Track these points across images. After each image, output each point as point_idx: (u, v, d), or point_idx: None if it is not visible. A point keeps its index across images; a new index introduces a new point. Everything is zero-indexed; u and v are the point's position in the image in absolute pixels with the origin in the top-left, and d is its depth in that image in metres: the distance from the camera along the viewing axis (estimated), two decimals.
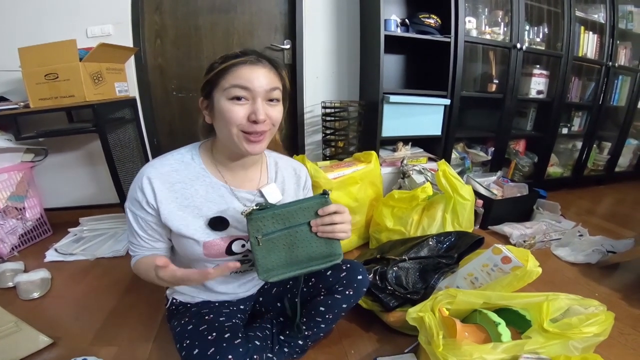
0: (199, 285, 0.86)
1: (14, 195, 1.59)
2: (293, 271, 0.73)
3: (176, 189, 0.73)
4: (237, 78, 0.66)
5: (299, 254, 0.72)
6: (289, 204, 0.71)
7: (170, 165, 0.74)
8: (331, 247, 0.73)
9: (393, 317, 1.03)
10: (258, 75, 0.67)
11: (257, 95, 0.68)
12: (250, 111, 0.67)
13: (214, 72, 0.68)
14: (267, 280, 0.71)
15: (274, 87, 0.70)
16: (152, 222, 0.75)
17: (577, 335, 0.73)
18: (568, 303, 0.83)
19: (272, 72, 0.70)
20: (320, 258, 0.74)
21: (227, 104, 0.68)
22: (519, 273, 0.91)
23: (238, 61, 0.67)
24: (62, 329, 1.07)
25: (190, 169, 0.75)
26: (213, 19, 1.86)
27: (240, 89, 0.67)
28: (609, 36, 2.16)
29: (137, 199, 0.72)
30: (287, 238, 0.71)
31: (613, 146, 2.51)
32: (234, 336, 0.72)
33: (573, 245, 1.54)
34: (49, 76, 1.37)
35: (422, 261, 1.16)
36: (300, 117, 2.03)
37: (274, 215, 0.69)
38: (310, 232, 0.71)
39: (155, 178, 0.72)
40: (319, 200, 0.71)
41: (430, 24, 1.75)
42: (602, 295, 1.21)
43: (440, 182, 1.42)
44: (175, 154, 0.77)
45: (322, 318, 0.87)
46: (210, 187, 0.76)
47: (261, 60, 0.69)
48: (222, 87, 0.67)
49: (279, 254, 0.71)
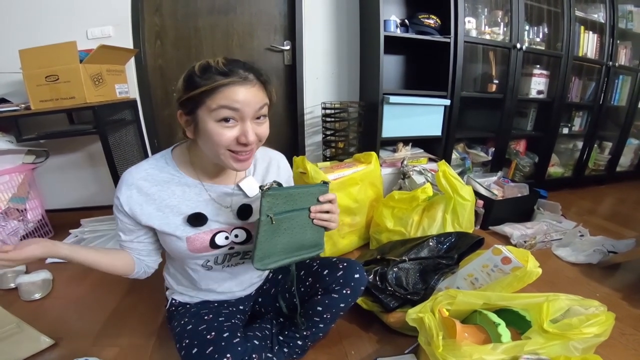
0: (194, 285, 0.88)
1: (16, 197, 1.59)
2: (287, 259, 0.74)
3: (152, 192, 0.74)
4: (225, 99, 0.63)
5: (295, 240, 0.74)
6: (298, 187, 0.72)
7: (145, 171, 0.75)
8: (320, 237, 0.77)
9: (393, 317, 1.03)
10: (247, 96, 0.64)
11: (246, 117, 0.66)
12: (239, 133, 0.66)
13: (197, 92, 0.64)
14: (262, 268, 0.72)
15: (262, 104, 0.68)
16: (129, 224, 0.77)
17: (577, 335, 0.73)
18: (568, 303, 0.82)
19: (261, 90, 0.68)
20: (309, 247, 0.77)
21: (215, 127, 0.65)
22: (519, 274, 0.91)
23: (227, 82, 0.63)
24: (63, 329, 1.08)
25: (165, 172, 0.77)
26: (213, 20, 1.86)
27: (229, 110, 0.64)
28: (609, 36, 2.16)
29: (115, 204, 0.75)
30: (289, 221, 0.71)
31: (614, 146, 2.50)
32: (233, 335, 0.72)
33: (574, 245, 1.53)
34: (50, 78, 1.38)
35: (422, 262, 1.16)
36: (300, 118, 2.03)
37: (288, 195, 0.69)
38: (307, 218, 0.74)
39: (132, 183, 0.74)
40: (322, 188, 0.75)
41: (430, 24, 1.75)
42: (603, 295, 1.21)
43: (440, 183, 1.42)
44: (150, 160, 0.78)
45: (320, 318, 0.87)
46: (187, 186, 0.77)
47: (248, 77, 0.65)
48: (208, 107, 0.64)
49: (279, 239, 0.71)
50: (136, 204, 0.74)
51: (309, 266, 0.92)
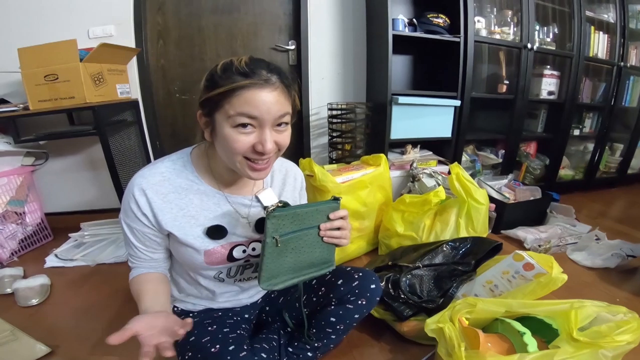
0: (200, 292, 0.83)
1: (14, 200, 1.56)
2: (295, 278, 0.70)
3: (170, 200, 0.69)
4: (243, 105, 0.59)
5: (303, 259, 0.70)
6: (306, 206, 0.68)
7: (161, 175, 0.69)
8: (330, 254, 0.73)
9: (407, 326, 0.98)
10: (267, 102, 0.60)
11: (265, 124, 0.61)
12: (256, 140, 0.62)
13: (217, 92, 0.60)
14: (269, 288, 0.67)
15: (284, 113, 0.63)
16: (149, 234, 0.71)
17: (609, 344, 0.68)
18: (596, 310, 0.78)
19: (283, 94, 0.63)
20: (319, 264, 0.73)
21: (232, 133, 0.61)
22: (543, 280, 0.86)
23: (246, 83, 0.59)
24: (60, 337, 1.04)
25: (183, 177, 0.71)
26: (216, 19, 1.83)
27: (247, 117, 0.60)
28: (620, 36, 2.13)
29: (132, 210, 0.68)
30: (297, 241, 0.67)
31: (625, 148, 2.46)
32: (239, 348, 0.68)
33: (590, 249, 1.49)
34: (49, 77, 1.34)
35: (436, 268, 1.11)
36: (306, 119, 1.99)
37: (294, 215, 0.65)
38: (316, 237, 0.69)
39: (147, 189, 0.67)
40: (333, 205, 0.70)
41: (439, 23, 1.72)
42: (623, 300, 1.17)
43: (453, 186, 1.38)
44: (165, 162, 0.72)
45: (333, 329, 0.83)
46: (205, 195, 0.72)
47: (271, 79, 0.61)
48: (225, 112, 0.60)
49: (286, 259, 0.67)
50: (156, 206, 0.68)
51: (322, 275, 0.87)
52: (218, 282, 0.81)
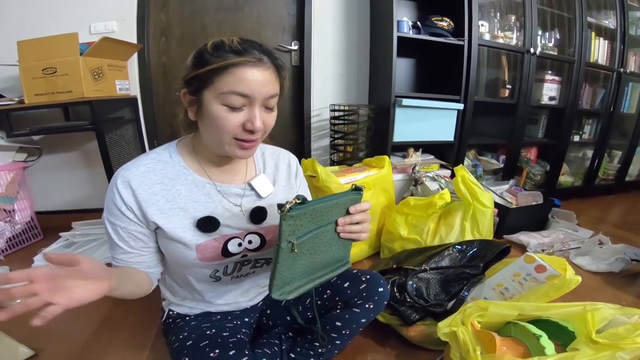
0: (194, 297, 0.78)
1: (3, 197, 1.50)
2: (309, 283, 0.64)
3: (155, 191, 0.64)
4: (236, 83, 0.57)
5: (318, 260, 0.63)
6: (325, 199, 0.60)
7: (145, 166, 0.65)
8: (346, 251, 0.68)
9: (414, 331, 0.95)
10: (259, 81, 0.59)
11: (255, 103, 0.60)
12: (246, 119, 0.60)
13: (207, 69, 0.58)
14: (282, 298, 0.61)
15: (274, 94, 0.62)
16: (136, 232, 0.66)
17: (630, 345, 0.67)
18: (612, 313, 0.76)
19: (274, 74, 0.62)
20: (334, 263, 0.67)
21: (221, 111, 0.59)
22: (556, 282, 0.84)
23: (240, 61, 0.57)
24: (46, 339, 0.98)
25: (169, 168, 0.67)
26: (220, 18, 1.81)
27: (239, 95, 0.58)
28: (620, 42, 2.15)
29: (115, 205, 0.63)
30: (313, 241, 0.60)
31: (624, 155, 2.47)
32: (240, 353, 0.64)
33: (594, 254, 1.48)
34: (47, 70, 1.30)
35: (443, 271, 1.08)
36: (307, 120, 1.97)
37: (313, 212, 0.58)
38: (333, 233, 0.63)
39: (131, 180, 0.63)
40: (355, 197, 0.63)
41: (443, 26, 1.72)
42: (629, 304, 1.15)
43: (458, 189, 1.35)
44: (150, 154, 0.68)
45: (338, 334, 0.79)
46: (194, 185, 0.68)
47: (263, 59, 0.59)
48: (216, 89, 0.58)
49: (301, 262, 0.61)
50: (141, 197, 0.64)
51: (336, 275, 0.83)
52: (214, 283, 0.76)
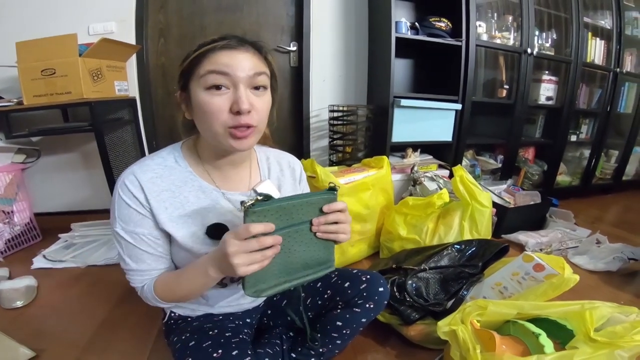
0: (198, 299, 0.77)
1: (2, 198, 1.50)
2: (287, 282, 0.62)
3: (164, 198, 0.63)
4: (213, 63, 0.57)
5: (295, 261, 0.61)
6: (295, 197, 0.59)
7: (152, 172, 0.64)
8: (327, 252, 0.65)
9: (414, 330, 0.95)
10: (239, 58, 0.58)
11: (238, 82, 0.58)
12: (232, 101, 0.58)
13: (189, 60, 0.59)
14: (257, 296, 0.59)
15: (259, 71, 0.60)
16: (159, 236, 0.65)
17: (628, 343, 0.67)
18: (609, 311, 0.77)
19: (256, 55, 0.61)
20: (315, 265, 0.64)
21: (205, 95, 0.58)
22: (555, 281, 0.85)
23: (215, 45, 0.58)
24: (46, 340, 0.99)
25: (176, 174, 0.66)
26: (219, 18, 1.82)
27: (218, 74, 0.57)
28: (616, 42, 2.17)
29: (132, 209, 0.62)
30: (286, 239, 0.59)
31: (620, 154, 2.48)
32: (243, 353, 0.64)
33: (591, 253, 1.49)
34: (46, 72, 1.30)
35: (442, 271, 1.09)
36: (306, 121, 1.97)
37: (279, 209, 0.57)
38: (310, 234, 0.61)
39: (142, 183, 0.62)
40: (328, 196, 0.62)
41: (441, 27, 1.72)
42: (627, 302, 1.12)
43: (457, 189, 1.36)
44: (155, 158, 0.67)
45: (339, 334, 0.79)
46: (201, 192, 0.67)
47: (243, 44, 0.60)
48: (197, 74, 0.58)
49: (274, 261, 0.59)
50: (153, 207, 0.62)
51: (327, 277, 0.83)
52: (221, 289, 0.75)
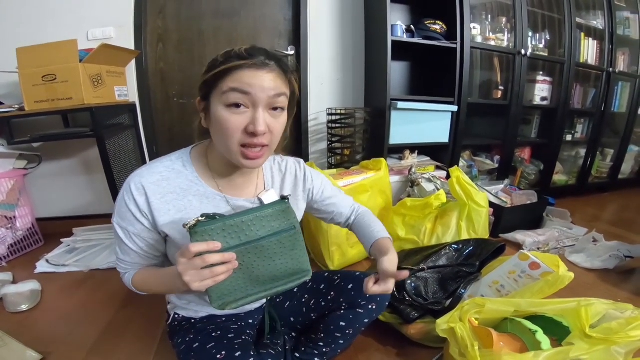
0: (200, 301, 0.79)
1: (5, 204, 1.51)
2: (256, 294, 0.63)
3: (168, 200, 0.65)
4: (237, 81, 0.58)
5: (261, 274, 0.62)
6: (243, 213, 0.60)
7: (160, 174, 0.66)
8: (301, 263, 0.65)
9: (414, 329, 0.97)
10: (262, 80, 0.59)
11: (258, 103, 0.59)
12: (249, 121, 0.60)
13: (213, 73, 0.60)
14: (224, 309, 0.60)
15: (280, 92, 0.61)
16: (148, 238, 0.67)
17: (623, 339, 0.69)
18: (605, 308, 0.79)
19: (280, 77, 0.62)
20: (286, 277, 0.65)
21: (224, 112, 0.60)
22: (550, 279, 0.87)
23: (242, 63, 0.58)
24: (52, 344, 1.00)
25: (182, 178, 0.67)
26: (217, 23, 1.84)
27: (239, 93, 0.58)
28: (609, 42, 2.19)
29: (130, 211, 0.64)
30: (245, 256, 0.59)
31: (616, 153, 2.51)
32: (246, 354, 0.65)
33: (588, 251, 1.51)
34: (47, 77, 1.31)
35: (440, 270, 1.11)
36: (305, 124, 1.99)
37: (226, 227, 0.57)
38: (274, 247, 0.61)
39: (146, 187, 0.64)
40: (280, 207, 0.62)
41: (436, 30, 1.75)
42: (624, 300, 1.17)
43: (454, 189, 1.38)
44: (164, 161, 0.68)
45: (342, 334, 0.82)
46: (205, 197, 0.69)
47: (269, 63, 0.60)
48: (220, 90, 0.59)
49: (235, 276, 0.59)
50: (155, 205, 0.64)
51: (330, 279, 0.86)
52: None
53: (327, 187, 0.89)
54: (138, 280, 0.70)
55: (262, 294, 0.63)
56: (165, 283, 0.66)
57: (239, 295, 0.61)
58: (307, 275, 0.68)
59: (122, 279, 0.73)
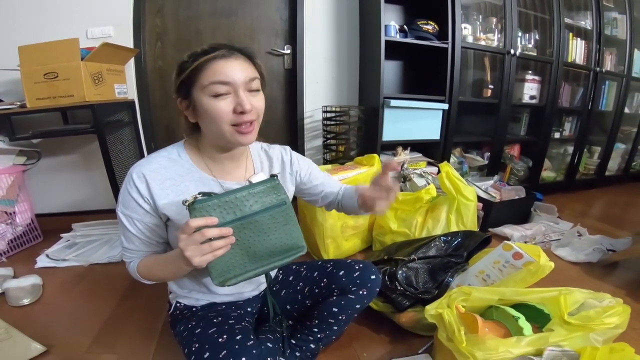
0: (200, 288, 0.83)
1: (4, 199, 1.52)
2: (254, 270, 0.66)
3: (167, 186, 0.71)
4: (214, 74, 0.65)
5: (258, 250, 0.65)
6: (237, 190, 0.64)
7: (158, 163, 0.73)
8: (294, 238, 0.69)
9: (405, 317, 1.01)
10: (234, 68, 0.66)
11: (238, 87, 0.66)
12: (235, 104, 0.67)
13: (188, 72, 0.66)
14: (224, 285, 0.64)
15: (253, 77, 0.69)
16: (151, 223, 0.72)
17: (599, 326, 0.74)
18: (583, 297, 0.84)
19: (247, 62, 0.69)
20: (283, 252, 0.69)
21: (211, 102, 0.66)
22: (532, 268, 0.91)
23: (210, 57, 0.65)
24: (55, 336, 1.02)
25: (178, 166, 0.74)
26: (214, 23, 1.86)
27: (220, 84, 0.65)
28: (596, 42, 2.25)
29: (132, 198, 0.70)
30: (242, 231, 0.63)
31: (602, 150, 2.58)
32: (246, 338, 0.69)
33: (573, 245, 1.56)
34: (48, 75, 1.34)
35: (430, 261, 1.15)
36: (300, 122, 2.03)
37: (221, 204, 0.61)
38: (267, 223, 0.65)
39: (146, 174, 0.70)
40: (270, 184, 0.67)
41: (428, 30, 1.79)
42: (607, 292, 1.18)
43: (443, 184, 1.43)
44: (161, 152, 0.76)
45: (335, 319, 0.85)
46: (200, 182, 0.75)
47: (233, 52, 0.68)
48: (200, 84, 0.66)
49: (234, 252, 0.63)
50: (155, 191, 0.70)
51: (323, 267, 0.90)
52: None
53: (314, 170, 0.95)
54: (142, 267, 0.74)
55: (260, 269, 0.67)
56: (168, 266, 0.70)
57: (238, 271, 0.65)
58: (302, 251, 0.72)
59: (128, 268, 0.76)
